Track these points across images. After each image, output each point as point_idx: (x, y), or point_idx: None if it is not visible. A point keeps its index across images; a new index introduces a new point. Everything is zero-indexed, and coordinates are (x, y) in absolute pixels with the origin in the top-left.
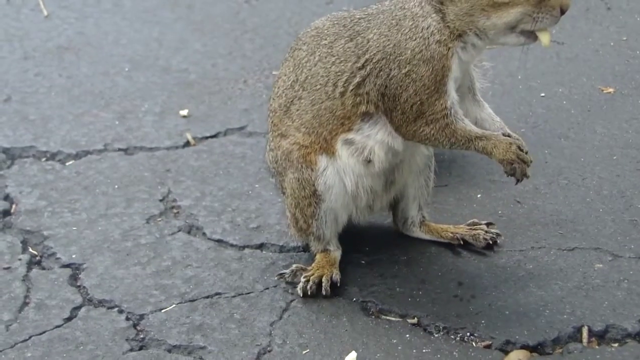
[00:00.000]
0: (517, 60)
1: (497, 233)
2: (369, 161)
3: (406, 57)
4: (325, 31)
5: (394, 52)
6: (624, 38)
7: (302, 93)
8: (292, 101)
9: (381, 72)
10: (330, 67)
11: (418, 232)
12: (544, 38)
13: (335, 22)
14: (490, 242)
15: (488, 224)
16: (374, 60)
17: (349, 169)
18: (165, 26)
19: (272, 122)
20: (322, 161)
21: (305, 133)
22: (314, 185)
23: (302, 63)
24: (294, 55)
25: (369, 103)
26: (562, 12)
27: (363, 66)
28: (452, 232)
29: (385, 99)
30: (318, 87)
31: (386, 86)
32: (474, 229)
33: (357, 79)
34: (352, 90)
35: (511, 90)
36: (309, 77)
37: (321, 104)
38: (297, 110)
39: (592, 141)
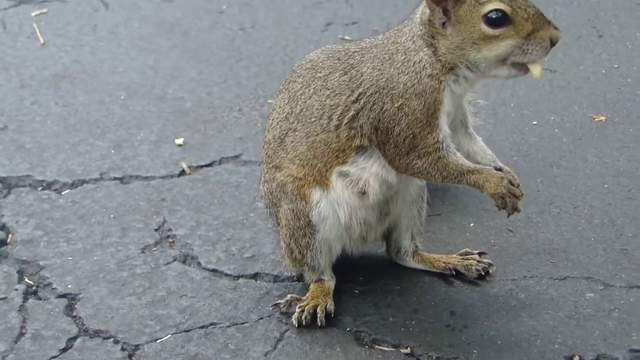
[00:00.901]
0: (510, 88)
1: (489, 263)
2: (363, 193)
3: (399, 90)
4: (320, 64)
5: (387, 86)
6: (616, 66)
7: (296, 125)
8: (286, 133)
9: (374, 106)
10: (325, 100)
11: (411, 262)
12: (535, 70)
13: (330, 55)
14: (483, 273)
15: (480, 254)
16: (367, 94)
17: (342, 201)
18: (161, 54)
19: (266, 153)
20: (316, 193)
21: (299, 165)
22: (308, 216)
23: (297, 95)
24: (289, 88)
25: (363, 136)
26: (552, 44)
27: (357, 100)
28: (444, 262)
29: (379, 133)
30: (313, 119)
31: (379, 120)
32: (466, 259)
33: (352, 113)
34: (346, 123)
35: (504, 119)
36: (304, 110)
37: (316, 136)
38: (292, 142)
39: (584, 169)
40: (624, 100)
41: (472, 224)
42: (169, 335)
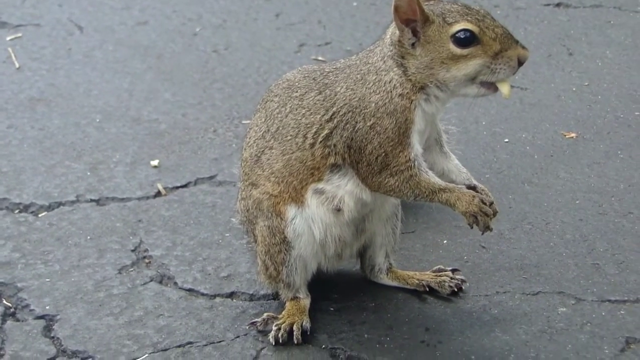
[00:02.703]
0: (481, 107)
1: (462, 279)
2: (338, 210)
3: (370, 110)
4: (297, 83)
5: (360, 106)
6: (586, 83)
7: (273, 143)
8: (263, 151)
9: (347, 125)
10: (300, 119)
11: (385, 279)
12: (504, 89)
13: (306, 75)
14: (456, 289)
15: (454, 270)
16: (340, 113)
17: (317, 218)
18: (136, 77)
19: (243, 171)
20: (291, 210)
21: (274, 182)
22: (283, 233)
23: (273, 114)
24: (266, 107)
25: (337, 154)
26: (520, 63)
27: (331, 118)
28: (417, 279)
29: (352, 151)
30: (289, 137)
31: (352, 138)
32: (439, 276)
33: (326, 131)
34: (321, 141)
35: (476, 137)
36: (280, 128)
37: (292, 154)
38: (268, 159)
39: (555, 186)
40: (594, 117)
41: (445, 241)
42: (147, 355)
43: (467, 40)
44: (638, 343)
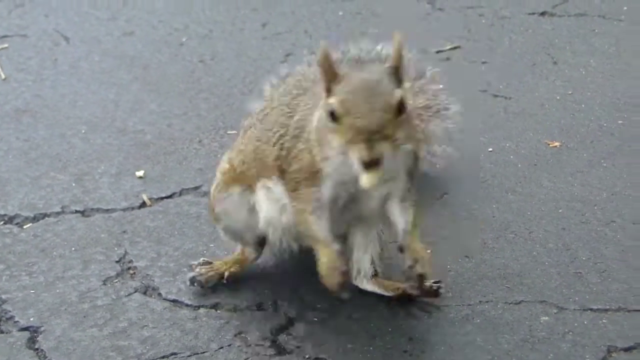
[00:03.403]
0: (464, 115)
1: (438, 286)
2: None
3: (306, 136)
4: (304, 83)
5: (303, 127)
6: (570, 92)
7: (258, 124)
8: (251, 126)
9: (294, 138)
10: (279, 117)
11: (366, 285)
12: (362, 177)
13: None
14: (435, 288)
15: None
16: (295, 125)
17: (263, 207)
18: (122, 87)
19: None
20: (237, 188)
21: (241, 160)
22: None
23: (274, 99)
24: (282, 86)
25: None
26: (361, 161)
27: (291, 125)
28: (397, 287)
29: (285, 162)
30: (268, 126)
31: (290, 150)
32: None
33: (285, 137)
34: (279, 143)
35: (459, 146)
36: (268, 115)
37: (261, 143)
38: (249, 136)
39: (539, 195)
40: (578, 126)
41: (429, 250)
42: None
43: (332, 115)
44: (620, 351)
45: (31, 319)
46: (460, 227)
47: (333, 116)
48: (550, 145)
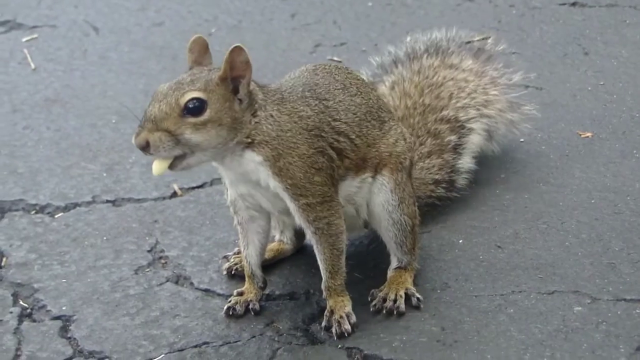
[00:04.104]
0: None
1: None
2: None
3: None
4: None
5: None
6: (602, 82)
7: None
8: None
9: None
10: None
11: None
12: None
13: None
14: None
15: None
16: None
17: None
18: (151, 77)
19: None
20: None
21: None
22: None
23: None
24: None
25: None
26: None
27: None
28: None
29: None
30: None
31: None
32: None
33: None
34: None
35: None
36: None
37: None
38: None
39: (571, 185)
40: (610, 116)
41: (460, 241)
42: (163, 355)
43: None
44: None
45: (63, 308)
46: (492, 218)
47: None
48: (582, 136)
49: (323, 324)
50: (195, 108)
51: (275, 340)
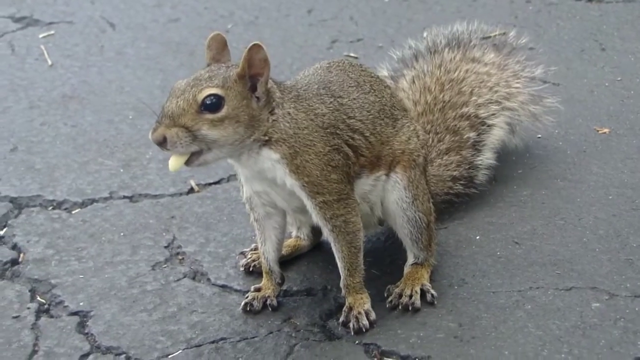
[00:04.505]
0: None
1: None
2: None
3: None
4: None
5: None
6: (619, 78)
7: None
8: None
9: None
10: None
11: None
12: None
13: None
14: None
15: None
16: None
17: None
18: (168, 73)
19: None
20: None
21: None
22: None
23: None
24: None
25: None
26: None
27: None
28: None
29: None
30: None
31: None
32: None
33: None
34: None
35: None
36: None
37: None
38: None
39: (588, 181)
40: (627, 112)
41: (478, 237)
42: (180, 351)
43: None
44: None
45: (81, 304)
46: (509, 214)
47: None
48: (600, 132)
49: (341, 319)
50: (213, 104)
51: (292, 336)
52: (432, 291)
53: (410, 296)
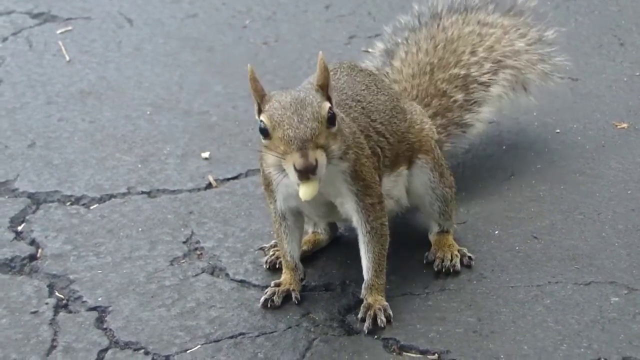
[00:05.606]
0: (532, 97)
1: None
2: None
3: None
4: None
5: None
6: (637, 73)
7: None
8: None
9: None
10: None
11: (430, 237)
12: (299, 189)
13: None
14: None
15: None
16: None
17: None
18: (186, 69)
19: None
20: None
21: None
22: None
23: None
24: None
25: None
26: (296, 169)
27: None
28: (444, 252)
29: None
30: None
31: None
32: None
33: None
34: None
35: (526, 128)
36: None
37: None
38: None
39: (607, 176)
40: None
41: (497, 232)
42: (199, 346)
43: (264, 131)
44: None
45: (99, 299)
46: (528, 208)
47: (265, 133)
48: (618, 127)
49: (359, 315)
50: (331, 117)
51: (311, 331)
52: (469, 254)
53: (451, 259)
